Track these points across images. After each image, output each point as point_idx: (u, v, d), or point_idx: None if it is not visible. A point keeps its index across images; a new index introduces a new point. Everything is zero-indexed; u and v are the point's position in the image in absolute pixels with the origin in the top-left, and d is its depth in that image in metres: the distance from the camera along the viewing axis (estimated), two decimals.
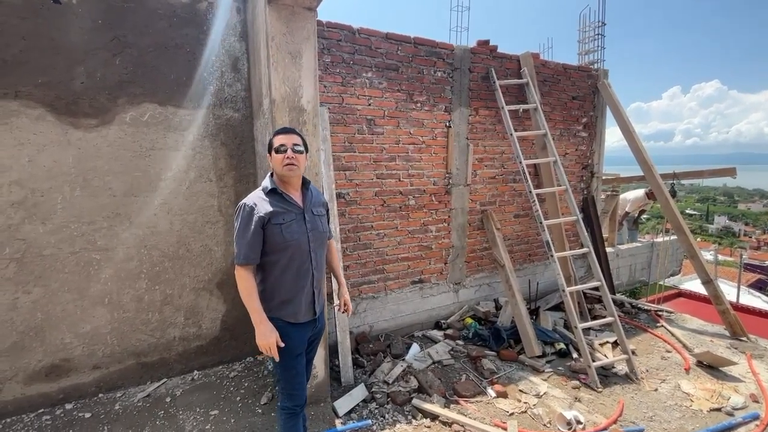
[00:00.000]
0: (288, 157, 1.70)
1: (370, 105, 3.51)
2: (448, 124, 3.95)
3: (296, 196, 1.81)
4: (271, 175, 1.82)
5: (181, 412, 2.64)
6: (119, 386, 2.87)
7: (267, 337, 1.66)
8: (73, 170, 2.59)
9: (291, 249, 1.73)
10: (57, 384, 2.68)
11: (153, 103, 2.76)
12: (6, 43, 2.35)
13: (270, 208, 1.70)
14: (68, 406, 2.68)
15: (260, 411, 2.65)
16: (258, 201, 1.72)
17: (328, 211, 1.99)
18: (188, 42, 2.84)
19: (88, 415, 2.60)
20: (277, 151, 1.72)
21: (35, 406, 2.63)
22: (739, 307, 5.25)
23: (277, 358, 1.68)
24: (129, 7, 2.63)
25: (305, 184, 1.87)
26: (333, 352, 3.13)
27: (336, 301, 2.12)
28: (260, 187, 1.81)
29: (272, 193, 1.75)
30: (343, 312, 2.10)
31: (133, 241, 2.81)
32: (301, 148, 1.76)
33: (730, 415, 2.74)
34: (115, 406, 2.70)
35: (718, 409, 2.79)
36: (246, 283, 1.69)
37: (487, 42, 4.14)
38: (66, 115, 2.54)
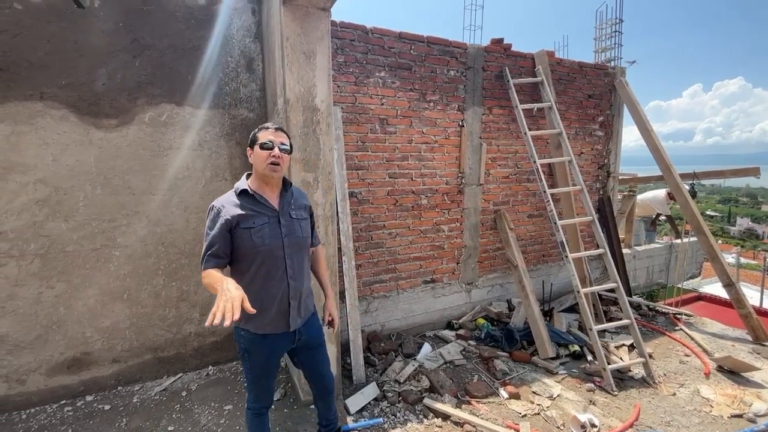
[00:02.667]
0: (273, 155, 1.57)
1: (383, 104, 3.52)
2: (461, 123, 3.93)
3: (272, 197, 1.67)
4: (248, 176, 1.71)
5: (196, 406, 2.69)
6: (137, 380, 2.95)
7: (231, 292, 1.31)
8: (94, 169, 2.67)
9: (261, 255, 1.60)
10: (78, 376, 2.77)
11: (171, 103, 2.83)
12: (32, 47, 2.44)
13: (238, 212, 1.58)
14: (89, 398, 2.77)
15: (273, 407, 2.67)
16: (226, 203, 1.61)
17: (312, 215, 1.87)
18: (205, 43, 2.89)
19: (107, 407, 2.68)
20: (262, 147, 1.58)
21: (57, 398, 2.72)
22: (762, 312, 5.08)
23: (235, 316, 1.25)
24: (148, 9, 2.70)
25: (286, 185, 1.74)
26: (345, 350, 3.15)
27: (324, 314, 1.98)
28: (233, 188, 1.68)
29: (243, 195, 1.63)
30: (327, 327, 1.94)
31: (152, 238, 2.87)
32: (287, 148, 1.64)
33: (752, 422, 2.66)
34: (134, 399, 2.77)
35: (740, 416, 2.71)
36: (206, 279, 1.51)
37: (501, 40, 4.11)
38: (88, 116, 2.62)
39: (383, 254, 3.71)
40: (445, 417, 2.63)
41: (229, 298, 1.29)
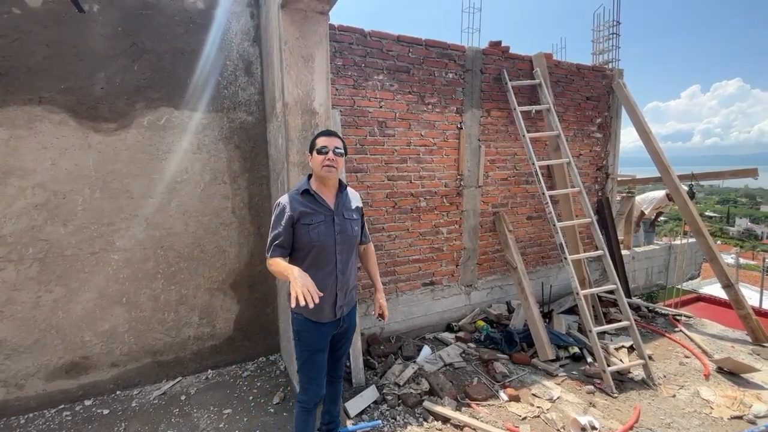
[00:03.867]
0: (328, 159, 1.77)
1: (381, 107, 3.52)
2: (459, 125, 3.94)
3: (329, 197, 1.86)
4: (309, 177, 1.90)
5: (195, 410, 2.68)
6: (136, 384, 2.94)
7: (302, 278, 1.56)
8: (93, 173, 2.67)
9: (316, 249, 1.79)
10: (77, 381, 2.76)
11: (169, 107, 2.83)
12: (30, 51, 2.44)
13: (300, 209, 1.78)
14: (87, 403, 2.76)
15: (272, 410, 2.68)
16: (291, 200, 1.81)
17: (362, 216, 2.02)
18: (203, 47, 2.90)
19: (106, 411, 2.67)
20: (319, 152, 1.78)
21: (56, 402, 2.71)
22: (761, 312, 5.08)
23: (316, 299, 1.52)
24: (147, 14, 2.71)
25: (342, 187, 1.92)
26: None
27: (373, 307, 2.15)
28: (295, 187, 1.90)
29: (305, 194, 1.83)
30: (378, 318, 2.10)
31: (150, 242, 2.87)
32: (341, 151, 1.82)
33: (753, 423, 2.66)
34: (132, 403, 2.76)
35: (740, 417, 2.71)
36: (275, 266, 1.73)
37: (499, 43, 4.12)
38: (87, 120, 2.62)
39: (382, 257, 3.70)
40: (445, 420, 2.62)
41: (304, 284, 1.53)
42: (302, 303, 1.49)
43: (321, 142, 1.80)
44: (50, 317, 2.65)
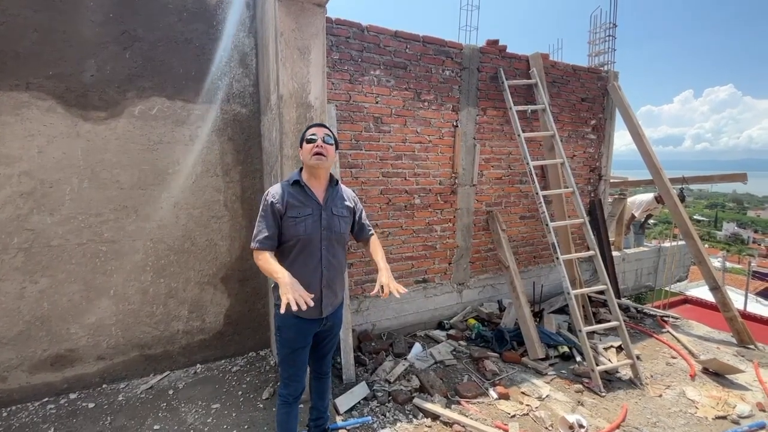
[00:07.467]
0: (317, 146, 1.74)
1: (377, 103, 3.50)
2: (455, 123, 3.93)
3: (319, 191, 1.83)
4: (300, 170, 1.87)
5: (183, 405, 2.65)
6: (123, 377, 2.90)
7: (292, 284, 1.56)
8: (81, 162, 2.61)
9: (301, 243, 1.77)
10: (62, 374, 2.71)
11: (161, 97, 2.78)
12: (19, 36, 2.38)
13: (288, 200, 1.76)
14: (72, 396, 2.71)
15: (261, 406, 2.66)
16: (280, 191, 1.78)
17: (355, 213, 1.97)
18: (197, 37, 2.85)
19: (91, 405, 2.63)
20: (308, 141, 1.77)
21: (40, 395, 2.66)
22: (746, 315, 5.18)
23: (310, 303, 1.52)
24: (140, 1, 2.65)
25: (334, 182, 1.89)
26: (335, 349, 3.13)
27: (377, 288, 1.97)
28: (286, 178, 1.87)
29: (295, 185, 1.81)
30: (378, 293, 1.90)
31: (140, 233, 2.82)
32: (331, 140, 1.80)
33: (736, 423, 2.70)
34: (119, 397, 2.72)
35: (724, 417, 2.75)
36: (263, 263, 1.70)
37: (496, 42, 4.11)
38: (76, 108, 2.56)
39: None
40: (435, 417, 2.63)
41: (295, 290, 1.53)
42: (294, 308, 1.48)
43: (310, 132, 1.79)
44: (35, 308, 2.59)
